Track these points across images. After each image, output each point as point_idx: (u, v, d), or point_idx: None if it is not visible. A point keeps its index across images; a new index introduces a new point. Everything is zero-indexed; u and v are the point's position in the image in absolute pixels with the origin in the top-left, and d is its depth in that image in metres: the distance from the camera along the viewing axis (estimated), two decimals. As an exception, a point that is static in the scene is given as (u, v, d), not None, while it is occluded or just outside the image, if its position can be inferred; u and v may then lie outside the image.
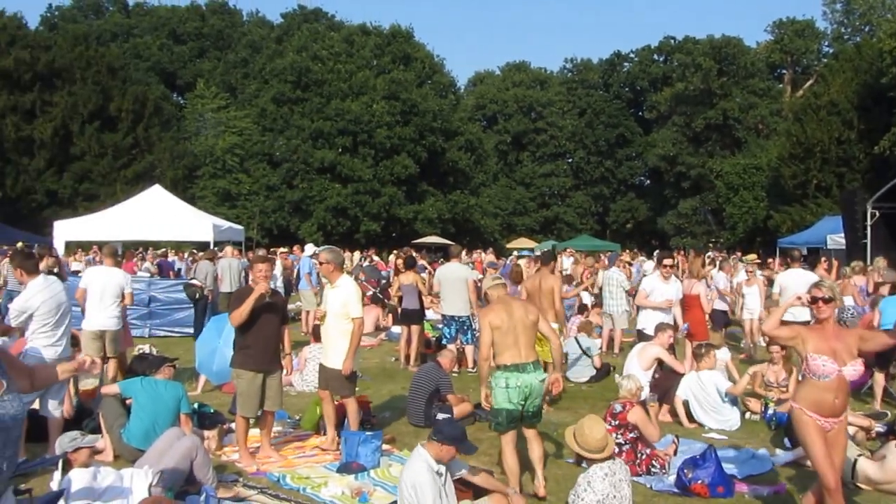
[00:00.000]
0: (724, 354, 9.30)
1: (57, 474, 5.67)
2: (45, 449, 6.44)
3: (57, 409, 6.68)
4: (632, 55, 63.81)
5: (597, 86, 62.14)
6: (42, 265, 9.41)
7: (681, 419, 8.13)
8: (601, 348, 10.17)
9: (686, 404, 8.18)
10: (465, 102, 59.44)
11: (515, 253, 26.92)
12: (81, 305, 8.83)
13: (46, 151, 38.93)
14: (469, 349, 11.01)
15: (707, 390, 8.10)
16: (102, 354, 8.76)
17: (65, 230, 18.54)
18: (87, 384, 2.68)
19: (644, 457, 6.47)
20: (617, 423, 6.53)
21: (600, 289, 14.40)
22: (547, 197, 60.14)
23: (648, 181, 62.43)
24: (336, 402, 7.33)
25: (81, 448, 6.02)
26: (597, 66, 63.97)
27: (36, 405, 6.72)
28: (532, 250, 35.59)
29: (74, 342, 8.35)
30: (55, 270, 10.88)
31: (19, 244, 23.34)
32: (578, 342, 10.81)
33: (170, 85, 57.36)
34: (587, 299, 15.18)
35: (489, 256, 28.66)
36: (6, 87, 38.98)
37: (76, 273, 19.14)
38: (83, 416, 7.46)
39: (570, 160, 61.56)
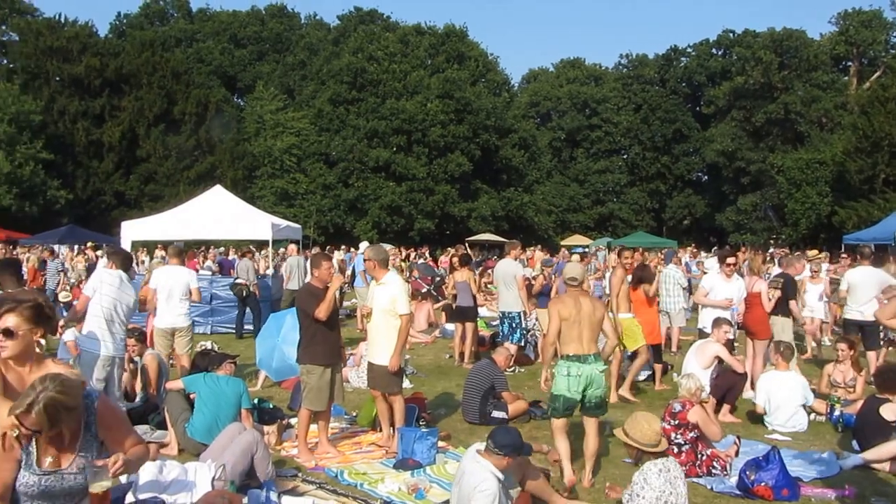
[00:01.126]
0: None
1: (125, 467, 5.84)
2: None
3: (118, 402, 6.89)
4: (689, 49, 62.72)
5: (653, 81, 61.22)
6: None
7: (768, 421, 7.92)
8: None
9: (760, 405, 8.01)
10: (518, 100, 59.20)
11: (564, 251, 26.67)
12: (150, 304, 9.08)
13: (114, 154, 40.12)
14: (514, 348, 10.94)
15: (787, 392, 7.85)
16: (171, 351, 9.02)
17: (131, 230, 19.00)
18: (98, 487, 2.58)
19: (705, 457, 6.35)
20: (676, 422, 6.42)
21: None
22: (602, 193, 59.49)
23: (706, 177, 61.24)
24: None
25: (150, 443, 6.22)
26: (653, 61, 63.04)
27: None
28: (586, 247, 35.28)
29: (143, 338, 8.63)
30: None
31: (89, 244, 24.14)
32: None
33: (230, 88, 58.44)
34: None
35: (542, 253, 28.52)
36: (77, 93, 40.32)
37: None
38: (149, 411, 7.69)
39: (625, 156, 60.81)
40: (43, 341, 3.49)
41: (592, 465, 6.13)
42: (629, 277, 9.51)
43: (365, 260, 7.35)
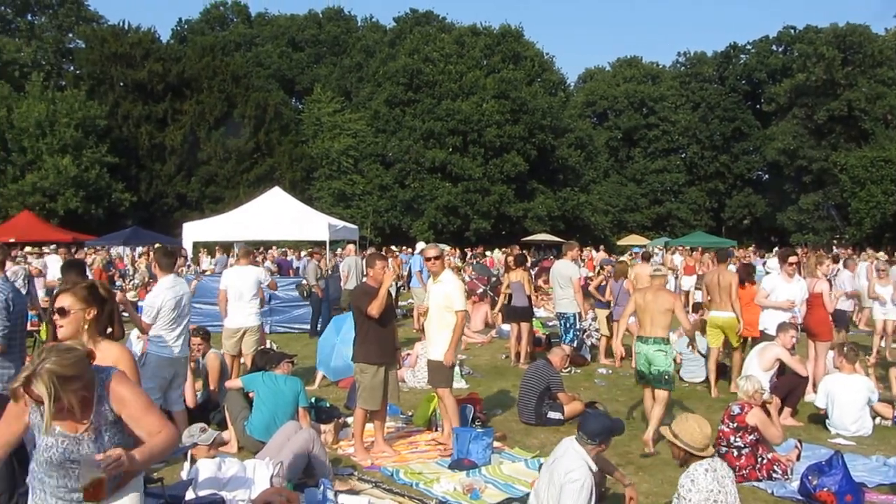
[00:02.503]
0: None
1: (186, 464, 5.97)
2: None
3: (179, 402, 7.03)
4: (748, 47, 61.41)
5: (711, 79, 60.14)
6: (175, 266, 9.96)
7: (831, 424, 7.74)
8: (688, 346, 9.87)
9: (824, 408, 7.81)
10: (574, 99, 58.78)
11: (616, 256, 26.35)
12: (221, 306, 9.23)
13: (176, 157, 41.02)
14: (569, 349, 10.86)
15: (851, 395, 7.64)
16: (238, 351, 9.17)
17: (193, 231, 19.49)
18: (93, 481, 2.52)
19: (765, 461, 6.21)
20: (735, 425, 6.30)
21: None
22: (659, 193, 58.64)
23: (767, 176, 59.83)
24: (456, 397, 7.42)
25: (198, 445, 6.35)
26: (711, 59, 61.94)
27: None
28: (643, 247, 34.88)
29: (208, 337, 8.81)
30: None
31: (157, 246, 24.79)
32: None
33: (289, 91, 59.28)
34: (700, 297, 14.75)
35: (601, 254, 28.26)
36: (140, 97, 41.37)
37: (205, 272, 20.17)
38: (210, 409, 7.85)
39: (683, 155, 59.88)
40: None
41: (655, 429, 6.92)
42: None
43: (432, 258, 7.35)
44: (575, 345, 11.29)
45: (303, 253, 24.81)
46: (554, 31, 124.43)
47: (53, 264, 16.50)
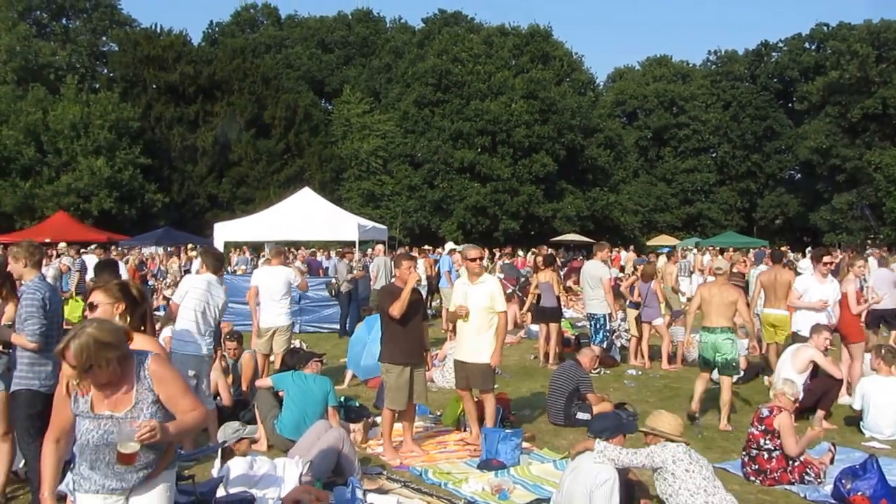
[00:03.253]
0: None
1: (217, 462, 6.03)
2: (205, 438, 6.82)
3: (209, 401, 7.09)
4: (780, 44, 60.70)
5: (742, 77, 59.49)
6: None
7: (866, 427, 7.63)
8: (748, 349, 9.76)
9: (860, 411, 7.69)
10: (604, 99, 58.51)
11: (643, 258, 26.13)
12: (251, 304, 9.31)
13: (208, 158, 41.45)
14: (599, 350, 10.77)
15: (889, 398, 7.50)
16: (269, 350, 9.24)
17: (224, 231, 19.62)
18: (129, 448, 2.65)
19: (797, 464, 6.12)
20: (763, 428, 6.21)
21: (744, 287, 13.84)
22: (690, 193, 58.12)
23: (799, 175, 59.04)
24: (475, 399, 7.43)
25: (243, 439, 6.41)
26: (742, 57, 61.30)
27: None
28: (673, 248, 34.60)
29: (237, 337, 8.89)
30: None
31: (189, 246, 25.03)
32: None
33: (318, 92, 59.64)
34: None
35: (630, 254, 28.08)
36: (173, 99, 41.88)
37: (235, 272, 20.37)
38: (241, 408, 7.92)
39: (714, 155, 59.34)
40: None
41: (727, 412, 7.88)
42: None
43: (473, 259, 7.33)
44: (605, 346, 11.23)
45: (332, 253, 24.95)
46: (583, 31, 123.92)
47: (92, 264, 16.77)
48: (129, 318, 3.78)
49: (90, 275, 16.01)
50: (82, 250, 20.68)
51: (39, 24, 47.01)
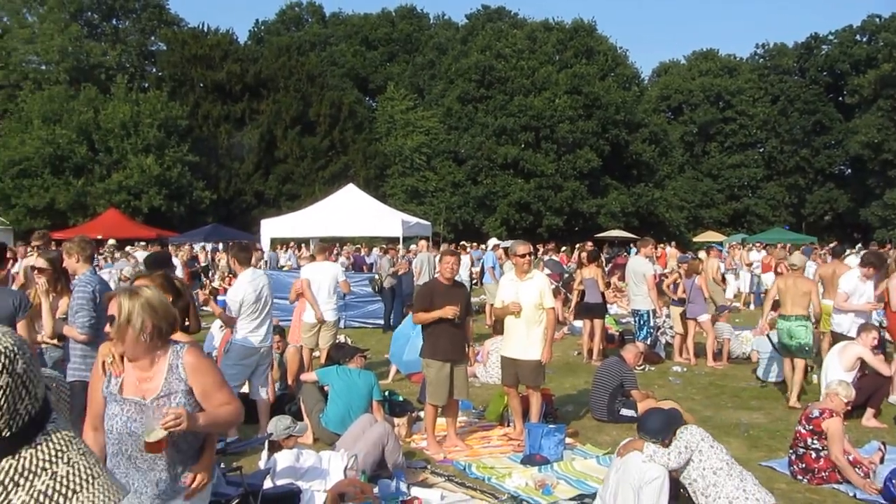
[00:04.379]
0: None
1: (264, 454, 6.15)
2: (255, 430, 6.96)
3: (264, 392, 7.25)
4: (830, 37, 59.21)
5: (791, 71, 58.23)
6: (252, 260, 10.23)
7: None
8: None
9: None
10: (649, 94, 57.77)
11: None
12: (306, 297, 9.40)
13: (254, 156, 41.99)
14: (643, 346, 10.67)
15: None
16: (315, 344, 9.37)
17: (270, 228, 19.91)
18: (153, 435, 2.57)
19: (846, 464, 6.04)
20: (811, 428, 6.09)
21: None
22: (736, 188, 57.05)
23: (849, 170, 57.46)
24: (520, 394, 7.44)
25: (292, 436, 6.52)
26: (791, 50, 59.94)
27: (245, 388, 7.33)
28: (721, 244, 34.08)
29: (280, 332, 9.03)
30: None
31: (232, 243, 25.41)
32: (770, 340, 10.21)
33: (362, 89, 59.97)
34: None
35: (674, 251, 27.75)
36: (220, 98, 42.51)
37: (282, 268, 20.62)
38: (286, 401, 8.04)
39: (761, 150, 58.18)
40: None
41: (797, 391, 8.62)
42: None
43: (522, 255, 7.33)
44: (649, 342, 11.14)
45: (374, 249, 25.11)
46: (628, 26, 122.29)
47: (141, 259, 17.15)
48: None
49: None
50: (128, 247, 21.15)
51: (90, 25, 48.00)
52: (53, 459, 1.20)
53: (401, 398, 8.25)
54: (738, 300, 20.37)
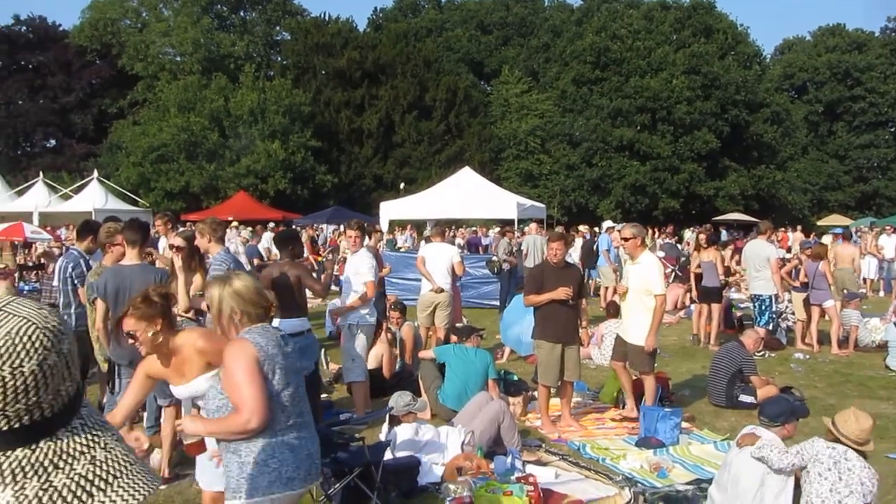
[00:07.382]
0: None
1: (385, 427, 6.47)
2: (378, 404, 7.26)
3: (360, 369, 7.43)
4: (974, 6, 54.80)
5: (927, 44, 54.31)
6: (371, 241, 10.64)
7: None
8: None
9: None
10: (771, 72, 55.21)
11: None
12: (422, 270, 9.68)
13: (373, 140, 42.99)
14: (763, 332, 10.41)
15: None
16: (431, 323, 9.69)
17: (389, 210, 20.50)
18: (192, 439, 2.69)
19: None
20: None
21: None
22: (865, 170, 53.70)
23: None
24: (634, 378, 7.49)
25: (411, 413, 6.84)
26: (926, 23, 55.88)
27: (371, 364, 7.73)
28: (847, 227, 32.41)
29: (401, 308, 9.40)
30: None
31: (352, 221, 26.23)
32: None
33: (477, 73, 60.10)
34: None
35: (797, 234, 26.69)
36: (340, 84, 43.68)
37: (400, 249, 21.16)
38: (404, 377, 8.39)
39: (892, 129, 54.54)
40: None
41: None
42: None
43: (626, 238, 7.34)
44: (770, 328, 10.88)
45: (490, 231, 25.31)
46: (749, 3, 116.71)
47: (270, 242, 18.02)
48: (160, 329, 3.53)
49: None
50: (258, 227, 22.14)
51: (220, 18, 50.20)
52: (91, 444, 1.17)
53: (516, 378, 8.43)
54: (866, 286, 19.45)
